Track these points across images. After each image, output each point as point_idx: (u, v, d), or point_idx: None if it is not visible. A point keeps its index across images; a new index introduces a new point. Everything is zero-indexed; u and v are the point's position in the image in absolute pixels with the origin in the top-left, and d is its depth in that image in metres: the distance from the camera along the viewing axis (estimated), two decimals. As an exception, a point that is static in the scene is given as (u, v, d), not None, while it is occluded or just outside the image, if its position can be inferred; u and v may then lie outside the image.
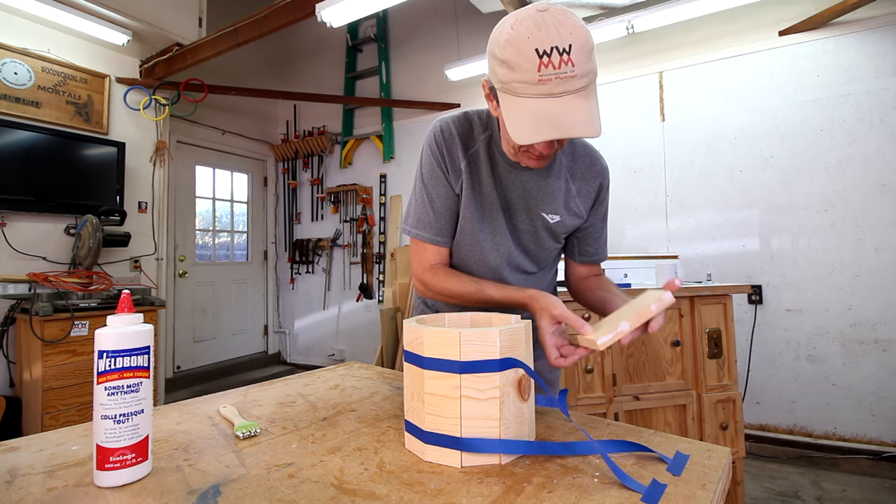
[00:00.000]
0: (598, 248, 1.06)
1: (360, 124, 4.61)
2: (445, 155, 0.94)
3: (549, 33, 0.69)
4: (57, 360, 2.48)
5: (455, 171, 0.95)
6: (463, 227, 0.97)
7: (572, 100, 0.71)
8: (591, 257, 1.06)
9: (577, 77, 0.69)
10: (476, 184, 0.95)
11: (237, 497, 0.55)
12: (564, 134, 0.71)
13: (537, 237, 0.98)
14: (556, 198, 0.96)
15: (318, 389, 1.02)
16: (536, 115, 0.72)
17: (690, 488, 0.56)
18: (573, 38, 0.69)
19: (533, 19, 0.70)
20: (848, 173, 2.65)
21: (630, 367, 1.94)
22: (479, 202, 0.95)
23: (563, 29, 0.69)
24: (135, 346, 0.60)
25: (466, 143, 0.94)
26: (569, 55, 0.68)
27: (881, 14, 2.58)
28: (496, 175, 0.95)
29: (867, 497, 2.18)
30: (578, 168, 0.98)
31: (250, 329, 4.93)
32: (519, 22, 0.71)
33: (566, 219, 0.98)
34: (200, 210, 4.56)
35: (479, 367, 0.63)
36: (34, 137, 2.82)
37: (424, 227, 0.96)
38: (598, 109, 0.73)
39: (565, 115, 0.71)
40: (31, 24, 2.89)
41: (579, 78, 0.70)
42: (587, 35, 0.70)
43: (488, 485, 0.58)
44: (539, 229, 0.97)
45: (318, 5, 2.41)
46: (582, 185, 0.98)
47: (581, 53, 0.69)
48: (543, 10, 0.71)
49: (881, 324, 2.54)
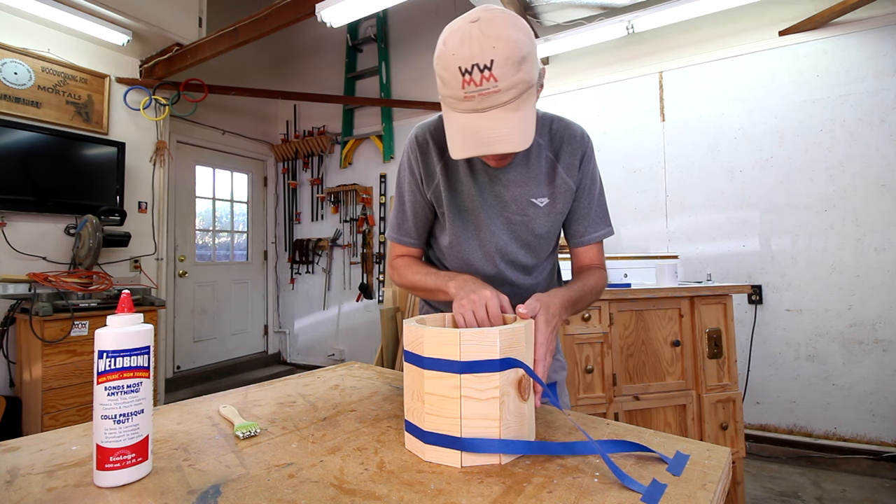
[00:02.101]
0: (587, 225, 0.99)
1: (360, 124, 4.61)
2: (420, 162, 0.97)
3: (471, 50, 0.69)
4: (57, 360, 2.48)
5: (429, 176, 0.97)
6: (448, 227, 0.99)
7: (497, 115, 0.71)
8: (581, 238, 1.00)
9: (500, 91, 0.69)
10: (455, 184, 0.96)
11: (237, 497, 0.55)
12: (487, 151, 0.73)
13: (531, 226, 0.96)
14: (541, 180, 0.94)
15: (318, 389, 1.02)
16: (464, 130, 0.73)
17: (690, 488, 0.56)
18: (496, 53, 0.68)
19: (461, 33, 0.70)
20: (848, 173, 2.65)
21: (630, 367, 1.94)
22: (459, 202, 0.97)
23: (486, 43, 0.68)
24: (135, 346, 0.60)
25: (442, 147, 0.95)
26: (490, 71, 0.68)
27: (881, 14, 2.58)
28: (475, 172, 0.95)
29: (867, 497, 2.18)
30: (557, 143, 0.95)
31: (250, 329, 4.93)
32: (450, 35, 0.72)
33: (557, 198, 0.95)
34: (200, 210, 4.56)
35: (479, 367, 0.63)
36: (34, 137, 2.82)
37: (394, 228, 1.04)
38: (529, 119, 0.73)
39: (489, 132, 0.71)
40: (31, 24, 2.89)
41: (504, 92, 0.69)
42: (514, 46, 0.69)
43: (488, 485, 0.58)
44: (532, 217, 0.96)
45: (318, 5, 2.42)
46: (566, 159, 0.95)
47: (505, 67, 0.68)
48: (475, 20, 0.71)
49: (881, 324, 2.54)
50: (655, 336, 1.97)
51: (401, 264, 1.03)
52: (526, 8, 3.07)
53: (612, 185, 3.16)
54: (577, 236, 1.01)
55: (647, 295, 1.94)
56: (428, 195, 0.99)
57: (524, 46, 0.70)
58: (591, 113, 3.38)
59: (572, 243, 1.03)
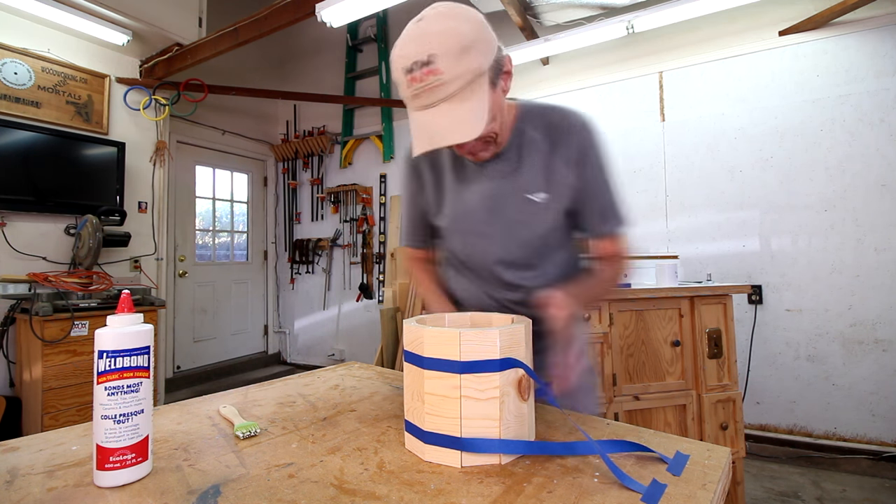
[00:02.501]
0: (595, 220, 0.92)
1: (360, 124, 4.61)
2: (413, 171, 1.03)
3: (410, 49, 0.70)
4: (57, 360, 2.47)
5: (422, 184, 1.03)
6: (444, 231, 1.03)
7: (444, 108, 0.71)
8: (592, 232, 0.94)
9: (445, 84, 0.69)
10: (442, 190, 0.99)
11: (237, 497, 0.55)
12: (436, 144, 0.73)
13: (530, 224, 0.92)
14: (536, 175, 0.90)
15: (318, 389, 1.02)
16: (417, 127, 0.75)
17: (690, 488, 0.56)
18: (438, 45, 0.68)
19: (407, 35, 0.72)
20: (848, 173, 2.65)
21: (630, 367, 1.94)
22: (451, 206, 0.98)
23: (426, 38, 0.69)
24: (135, 346, 0.60)
25: (433, 159, 0.99)
26: (433, 65, 0.68)
27: (881, 14, 2.58)
28: (464, 177, 0.95)
29: (867, 497, 2.18)
30: (554, 134, 0.90)
31: (250, 329, 4.93)
32: (400, 39, 0.74)
33: (555, 193, 0.90)
34: (200, 210, 4.56)
35: (479, 367, 0.63)
36: (34, 137, 2.82)
37: (403, 235, 1.13)
38: (479, 108, 0.72)
39: (437, 125, 0.72)
40: (31, 24, 2.89)
41: (450, 83, 0.70)
42: (454, 36, 0.69)
43: (488, 485, 0.58)
44: (529, 215, 0.91)
45: (318, 5, 2.41)
46: (563, 150, 0.89)
47: (448, 58, 0.68)
48: (420, 19, 0.73)
49: (881, 324, 2.54)
50: (655, 336, 1.97)
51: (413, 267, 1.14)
52: (526, 8, 3.07)
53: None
54: (587, 231, 0.95)
55: (647, 295, 1.94)
56: (422, 202, 1.05)
57: (467, 35, 0.70)
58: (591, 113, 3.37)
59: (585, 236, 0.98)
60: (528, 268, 0.96)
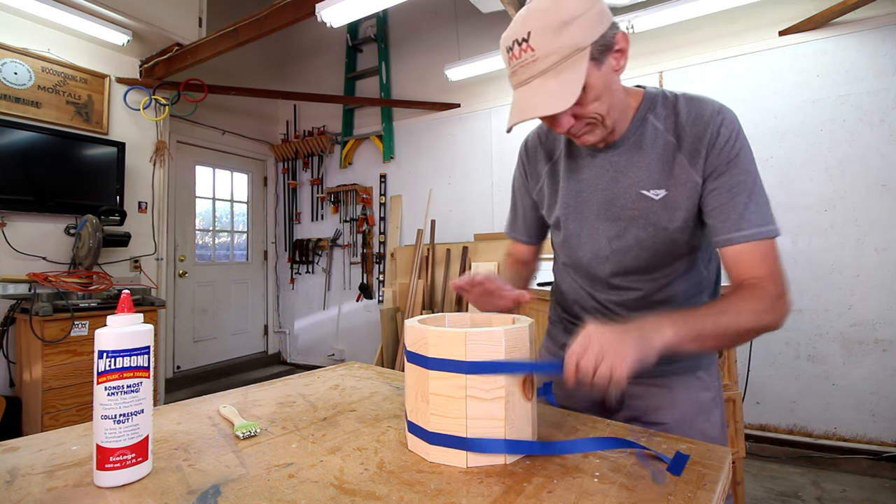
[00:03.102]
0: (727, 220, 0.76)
1: (360, 124, 4.60)
2: (527, 166, 1.02)
3: (513, 29, 0.72)
4: (57, 360, 2.47)
5: (535, 177, 1.01)
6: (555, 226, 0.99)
7: (538, 84, 0.72)
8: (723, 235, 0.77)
9: (538, 59, 0.70)
10: (556, 183, 0.96)
11: (237, 497, 0.55)
12: (523, 117, 0.73)
13: (645, 222, 0.83)
14: (656, 169, 0.81)
15: (318, 389, 1.02)
16: (514, 105, 0.76)
17: (690, 488, 0.56)
18: (532, 24, 0.70)
19: (515, 19, 0.73)
20: (848, 173, 2.65)
21: (630, 367, 1.93)
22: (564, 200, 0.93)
23: (527, 17, 0.71)
24: (135, 346, 0.60)
25: (550, 152, 0.98)
26: (528, 42, 0.70)
27: (881, 14, 2.58)
28: (577, 167, 0.90)
29: (867, 497, 2.18)
30: (681, 125, 0.80)
31: (250, 329, 4.93)
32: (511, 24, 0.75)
33: (676, 191, 0.80)
34: (200, 210, 4.56)
35: (485, 367, 0.63)
36: (34, 137, 2.82)
37: (508, 225, 1.12)
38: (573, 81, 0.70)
39: (528, 100, 0.73)
40: (31, 24, 2.89)
41: (543, 59, 0.70)
42: (551, 13, 0.69)
43: (488, 485, 0.58)
44: (644, 212, 0.82)
45: (318, 5, 2.41)
46: (690, 143, 0.79)
47: (542, 35, 0.69)
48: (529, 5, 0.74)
49: (881, 324, 2.54)
50: (655, 336, 1.96)
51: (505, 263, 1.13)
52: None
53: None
54: (718, 233, 0.78)
55: (647, 295, 1.94)
56: (533, 195, 1.03)
57: (569, 10, 0.69)
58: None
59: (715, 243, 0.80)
60: (644, 272, 0.87)
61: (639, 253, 0.85)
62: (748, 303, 0.73)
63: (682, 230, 0.82)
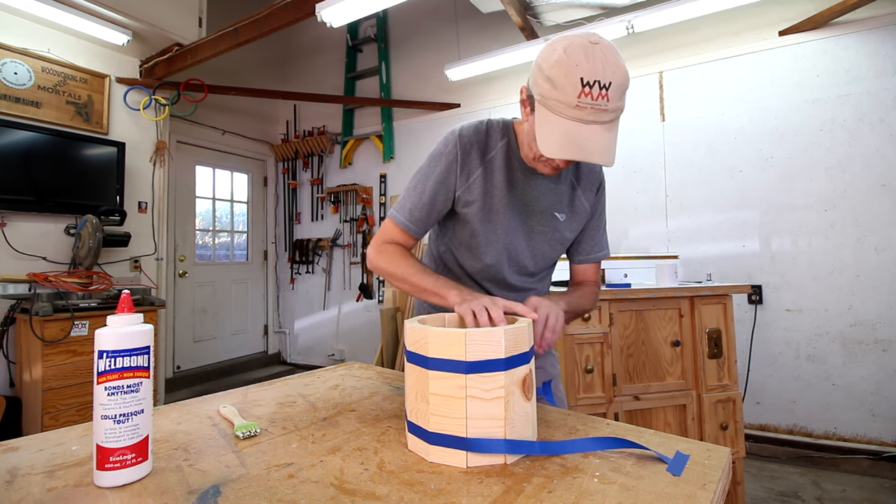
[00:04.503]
0: (594, 245, 1.13)
1: (360, 124, 4.61)
2: (460, 159, 0.99)
3: (595, 67, 0.75)
4: (57, 360, 2.47)
5: (465, 174, 1.00)
6: (465, 225, 1.02)
7: (598, 130, 0.78)
8: (587, 255, 1.13)
9: (607, 111, 0.77)
10: (489, 187, 1.00)
11: (237, 497, 0.55)
12: (586, 158, 0.79)
13: (549, 236, 1.06)
14: (564, 199, 1.05)
15: (318, 389, 1.02)
16: (566, 136, 0.79)
17: (690, 488, 0.56)
18: (615, 77, 0.76)
19: (584, 49, 0.76)
20: (848, 173, 2.65)
21: (630, 367, 1.94)
22: (489, 204, 1.01)
23: (608, 66, 0.76)
24: (135, 346, 0.60)
25: (484, 150, 1.01)
26: (607, 91, 0.75)
27: (881, 14, 2.58)
28: (512, 179, 1.01)
29: (867, 497, 2.18)
30: (580, 170, 1.07)
31: (250, 329, 4.93)
32: (572, 48, 0.77)
33: (573, 217, 1.07)
34: (200, 210, 4.56)
35: (485, 366, 0.63)
36: (34, 137, 2.82)
37: (405, 210, 1.01)
38: (616, 142, 0.81)
39: (589, 143, 0.78)
40: (31, 24, 2.89)
41: (609, 112, 0.77)
42: (626, 76, 0.78)
43: (488, 485, 0.58)
44: (551, 229, 1.05)
45: (318, 5, 2.41)
46: (585, 185, 1.07)
47: (617, 92, 0.77)
48: (595, 42, 0.77)
49: (881, 324, 2.54)
50: (655, 336, 1.97)
51: (393, 251, 1.00)
52: (526, 8, 3.07)
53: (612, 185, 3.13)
54: (583, 254, 1.13)
55: (647, 295, 1.94)
56: (458, 191, 1.00)
57: (629, 80, 0.79)
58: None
59: (576, 259, 1.14)
60: (530, 275, 1.10)
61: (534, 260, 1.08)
62: (593, 295, 1.12)
63: (564, 245, 1.10)
